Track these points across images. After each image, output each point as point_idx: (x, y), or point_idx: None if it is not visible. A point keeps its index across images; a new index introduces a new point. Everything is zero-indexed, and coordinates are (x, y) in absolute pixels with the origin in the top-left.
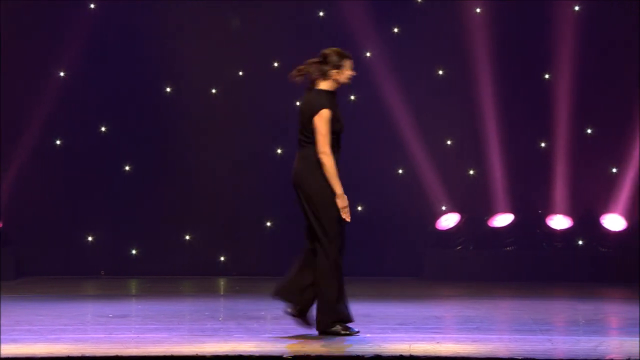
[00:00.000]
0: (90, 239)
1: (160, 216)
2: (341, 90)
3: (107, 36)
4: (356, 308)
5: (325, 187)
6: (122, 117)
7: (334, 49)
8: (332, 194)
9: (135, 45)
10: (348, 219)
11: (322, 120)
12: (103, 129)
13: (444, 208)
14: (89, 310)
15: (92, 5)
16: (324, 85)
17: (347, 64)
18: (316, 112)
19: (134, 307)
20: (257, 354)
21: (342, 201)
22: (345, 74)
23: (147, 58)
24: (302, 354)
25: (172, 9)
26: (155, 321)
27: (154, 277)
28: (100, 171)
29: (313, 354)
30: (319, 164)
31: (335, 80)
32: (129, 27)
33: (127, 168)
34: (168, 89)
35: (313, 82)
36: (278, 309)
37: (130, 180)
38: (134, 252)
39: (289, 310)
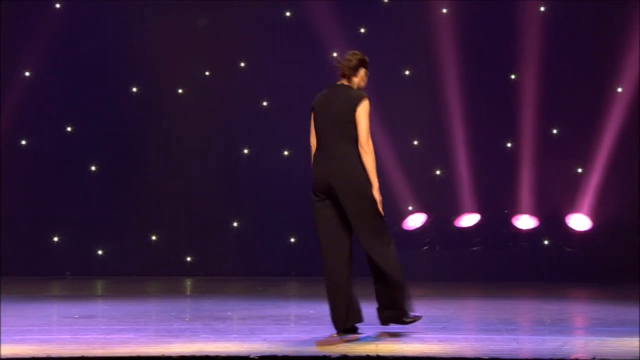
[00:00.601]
0: (56, 239)
1: (127, 216)
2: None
3: (73, 36)
4: (324, 308)
5: (368, 181)
6: (88, 117)
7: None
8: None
9: (102, 45)
10: (382, 212)
11: (366, 114)
12: (69, 129)
13: (410, 208)
14: (55, 310)
15: (57, 5)
16: (350, 83)
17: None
18: (358, 103)
19: (100, 308)
20: (223, 354)
21: (379, 194)
22: (365, 80)
23: (114, 58)
24: (269, 354)
25: (138, 9)
26: (121, 322)
27: (120, 278)
28: (66, 171)
29: (280, 354)
30: (359, 159)
31: (360, 82)
32: (95, 27)
33: (93, 168)
34: (134, 89)
35: (344, 76)
36: (244, 309)
37: (97, 180)
38: (100, 252)
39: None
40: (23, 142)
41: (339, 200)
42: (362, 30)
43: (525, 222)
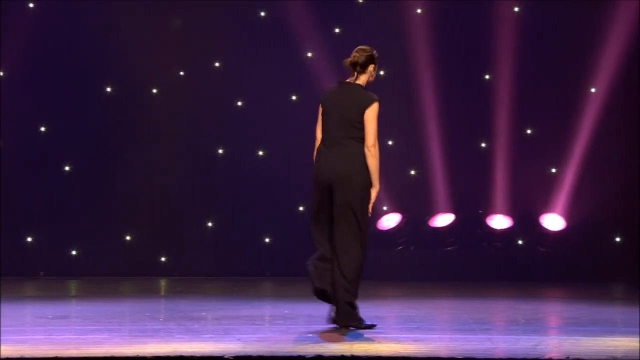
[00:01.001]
0: (29, 239)
1: (101, 216)
2: (282, 90)
3: (46, 35)
4: (298, 308)
5: (369, 183)
6: (61, 117)
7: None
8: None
9: (75, 45)
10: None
11: (375, 116)
12: (42, 129)
13: (385, 208)
14: (29, 311)
15: (31, 5)
16: (359, 80)
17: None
18: (368, 105)
19: (74, 308)
20: (198, 355)
21: (375, 195)
22: (374, 76)
23: (88, 58)
24: (243, 354)
25: (112, 8)
26: (95, 322)
27: (94, 278)
28: (39, 171)
29: (254, 355)
30: (364, 161)
31: (369, 78)
32: (69, 27)
33: (66, 168)
34: (108, 89)
35: (354, 73)
36: (219, 309)
37: (70, 180)
38: (73, 252)
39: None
40: None
41: (333, 195)
42: (337, 30)
43: (499, 222)
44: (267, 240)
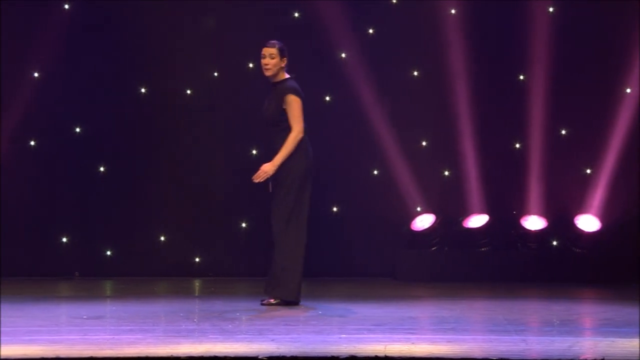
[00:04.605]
0: (64, 240)
1: (135, 217)
2: (316, 91)
3: (81, 37)
4: (332, 308)
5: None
6: (96, 118)
7: None
8: None
9: (110, 46)
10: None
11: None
12: (77, 129)
13: (418, 209)
14: (64, 311)
15: (66, 6)
16: None
17: (261, 52)
18: None
19: (109, 309)
20: (231, 355)
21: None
22: (261, 62)
23: (122, 58)
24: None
25: (146, 9)
26: (129, 322)
27: (128, 279)
28: (74, 172)
29: (288, 355)
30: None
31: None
32: (104, 28)
33: (101, 169)
34: (143, 90)
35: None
36: (253, 310)
37: (105, 181)
38: (108, 253)
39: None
40: (32, 143)
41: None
42: (371, 31)
43: (533, 222)
44: None
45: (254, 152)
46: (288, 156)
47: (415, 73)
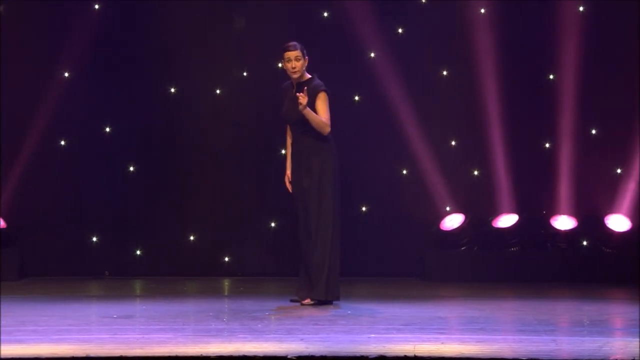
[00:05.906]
0: (94, 239)
1: (165, 216)
2: (345, 90)
3: (111, 36)
4: (360, 309)
5: None
6: (126, 117)
7: None
8: None
9: (140, 46)
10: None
11: None
12: (107, 129)
13: (448, 208)
14: (94, 311)
15: (96, 6)
16: None
17: (284, 56)
18: None
19: (139, 308)
20: (261, 355)
21: None
22: (286, 66)
23: (152, 58)
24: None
25: (176, 10)
26: (159, 322)
27: (158, 278)
28: (104, 171)
29: (317, 354)
30: None
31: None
32: (134, 28)
33: (131, 168)
34: (172, 90)
35: None
36: (282, 309)
37: (135, 180)
38: (138, 252)
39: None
40: (62, 143)
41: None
42: (400, 31)
43: (563, 222)
44: None
45: (283, 151)
46: (315, 146)
47: (445, 72)
